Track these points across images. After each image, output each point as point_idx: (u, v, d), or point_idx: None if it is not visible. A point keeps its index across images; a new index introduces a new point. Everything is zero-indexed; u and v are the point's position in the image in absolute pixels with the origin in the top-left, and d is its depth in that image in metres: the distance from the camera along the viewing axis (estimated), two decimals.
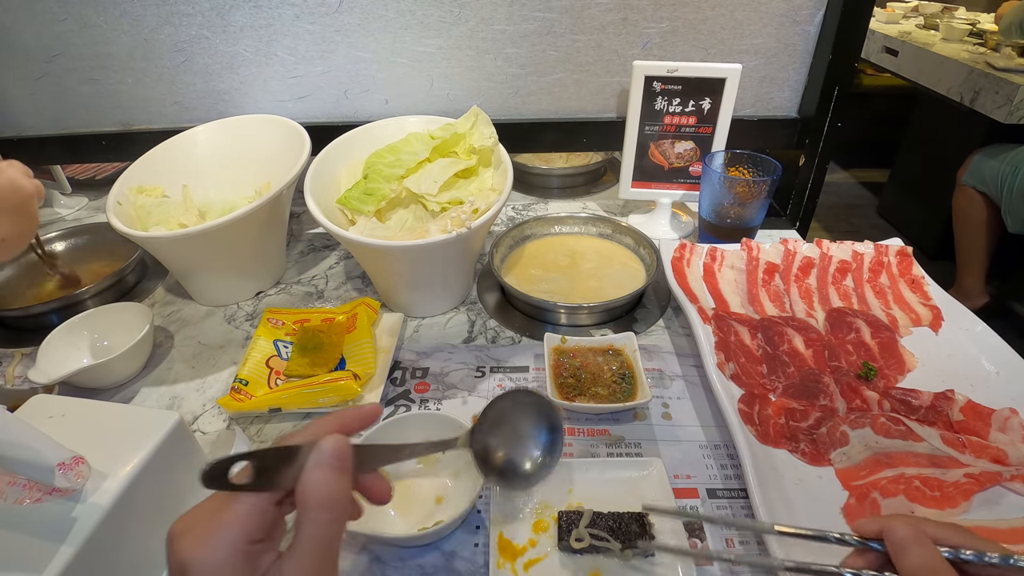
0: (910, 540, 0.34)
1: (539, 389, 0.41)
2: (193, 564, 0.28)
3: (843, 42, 0.85)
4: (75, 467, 0.43)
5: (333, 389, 0.61)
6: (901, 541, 0.34)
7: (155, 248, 0.77)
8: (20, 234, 0.59)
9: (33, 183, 0.60)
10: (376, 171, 0.80)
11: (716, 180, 0.82)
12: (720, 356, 0.66)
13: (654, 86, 0.87)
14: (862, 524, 0.37)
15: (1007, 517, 0.50)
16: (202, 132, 0.90)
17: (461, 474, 0.55)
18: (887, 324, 0.71)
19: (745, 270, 0.79)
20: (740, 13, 0.88)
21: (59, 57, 0.93)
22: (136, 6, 0.88)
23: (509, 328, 0.77)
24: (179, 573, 0.28)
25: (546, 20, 0.89)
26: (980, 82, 1.81)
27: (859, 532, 0.37)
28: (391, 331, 0.74)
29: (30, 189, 0.59)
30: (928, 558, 0.33)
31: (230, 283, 0.83)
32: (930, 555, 0.33)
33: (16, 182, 0.57)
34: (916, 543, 0.34)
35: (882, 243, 0.82)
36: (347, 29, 0.90)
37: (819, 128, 0.92)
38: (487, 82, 0.95)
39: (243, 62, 0.93)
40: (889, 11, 2.50)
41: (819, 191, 0.97)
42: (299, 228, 1.03)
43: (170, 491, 0.51)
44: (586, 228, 0.92)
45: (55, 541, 0.41)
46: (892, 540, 0.35)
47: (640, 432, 0.62)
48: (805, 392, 0.63)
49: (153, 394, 0.69)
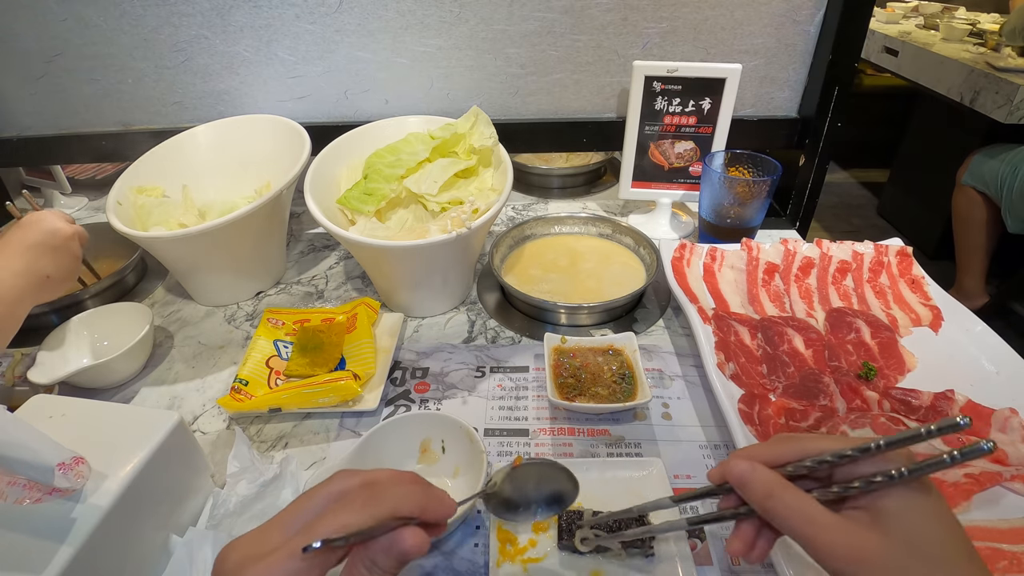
0: (747, 474, 0.35)
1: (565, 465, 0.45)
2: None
3: (843, 42, 0.85)
4: (75, 467, 0.43)
5: (333, 389, 0.61)
6: (739, 479, 0.36)
7: (155, 248, 0.77)
8: (64, 272, 0.64)
9: (73, 227, 0.66)
10: (376, 171, 0.80)
11: (716, 180, 0.82)
12: (720, 356, 0.66)
13: (654, 86, 0.87)
14: (713, 474, 0.39)
15: (1007, 517, 0.50)
16: (202, 132, 0.90)
17: (461, 474, 0.55)
18: (887, 324, 0.71)
19: (745, 270, 0.79)
20: (740, 13, 0.88)
21: (59, 57, 0.93)
22: (136, 6, 0.88)
23: (509, 328, 0.77)
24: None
25: (546, 20, 0.89)
26: (980, 82, 1.81)
27: (713, 482, 0.39)
28: (391, 331, 0.74)
29: (68, 231, 0.65)
30: (763, 484, 0.35)
31: (230, 283, 0.83)
32: (764, 481, 0.35)
33: (55, 225, 0.64)
34: (751, 474, 0.35)
35: (882, 243, 0.82)
36: (347, 29, 0.90)
37: (819, 128, 0.92)
38: (487, 82, 0.95)
39: (243, 62, 0.93)
40: (889, 11, 2.50)
41: (819, 191, 0.96)
42: (299, 228, 1.03)
43: (170, 491, 0.51)
44: (586, 228, 0.92)
45: (55, 541, 0.41)
46: (733, 481, 0.36)
47: (640, 432, 0.62)
48: (805, 392, 0.63)
49: (153, 394, 0.69)
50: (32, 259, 0.61)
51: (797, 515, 0.33)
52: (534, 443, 0.61)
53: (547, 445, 0.61)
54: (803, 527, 0.33)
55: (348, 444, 0.61)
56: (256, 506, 0.52)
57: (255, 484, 0.53)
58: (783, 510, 0.34)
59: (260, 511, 0.52)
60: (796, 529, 0.33)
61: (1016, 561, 0.46)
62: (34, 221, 0.63)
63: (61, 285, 0.64)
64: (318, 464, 0.60)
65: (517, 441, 0.61)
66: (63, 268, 0.64)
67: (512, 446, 0.61)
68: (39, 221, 0.63)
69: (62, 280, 0.64)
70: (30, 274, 0.60)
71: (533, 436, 0.62)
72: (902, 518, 0.32)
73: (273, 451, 0.61)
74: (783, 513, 0.34)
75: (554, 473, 0.45)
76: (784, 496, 0.34)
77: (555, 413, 0.64)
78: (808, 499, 0.34)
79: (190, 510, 0.53)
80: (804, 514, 0.33)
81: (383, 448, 0.55)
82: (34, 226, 0.63)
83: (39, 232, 0.62)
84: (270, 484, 0.53)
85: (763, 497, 0.35)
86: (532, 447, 0.61)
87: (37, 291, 0.61)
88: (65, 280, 0.65)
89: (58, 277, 0.63)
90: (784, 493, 0.34)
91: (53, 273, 0.62)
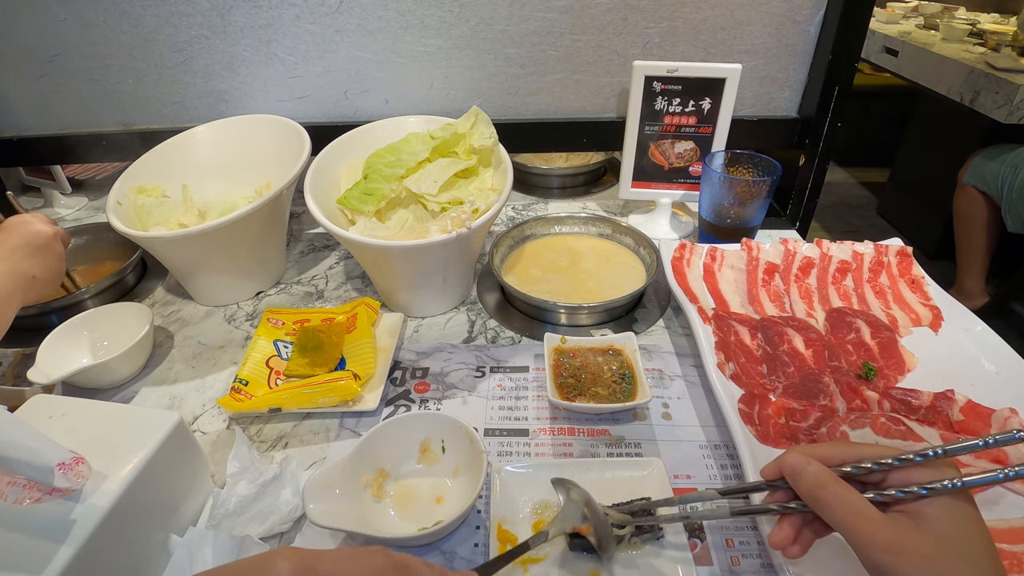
0: (801, 466, 0.38)
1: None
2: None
3: (843, 42, 0.85)
4: (75, 467, 0.43)
5: (333, 389, 0.61)
6: (792, 469, 0.38)
7: (155, 248, 0.77)
8: (50, 272, 0.65)
9: (54, 228, 0.67)
10: (376, 171, 0.80)
11: (716, 180, 0.82)
12: (720, 356, 0.66)
13: (654, 86, 0.87)
14: (766, 470, 0.41)
15: (1007, 517, 0.50)
16: (202, 132, 0.90)
17: (461, 474, 0.55)
18: (887, 324, 0.71)
19: (745, 270, 0.79)
20: (740, 13, 0.88)
21: (59, 57, 0.93)
22: (136, 6, 0.88)
23: (509, 328, 0.77)
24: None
25: (546, 20, 0.89)
26: (980, 82, 1.81)
27: (766, 477, 0.41)
28: (391, 331, 0.74)
29: (50, 232, 0.66)
30: (815, 475, 0.37)
31: (230, 283, 0.83)
32: (816, 472, 0.37)
33: (36, 227, 0.65)
34: (805, 466, 0.38)
35: (882, 243, 0.82)
36: (347, 29, 0.90)
37: (819, 128, 0.92)
38: (487, 82, 0.95)
39: (243, 62, 0.93)
40: (889, 11, 2.50)
41: (819, 191, 0.96)
42: (299, 228, 1.03)
43: (170, 491, 0.51)
44: (586, 228, 0.92)
45: (55, 541, 0.41)
46: (786, 471, 0.39)
47: (640, 432, 0.62)
48: (805, 392, 0.63)
49: (153, 394, 0.69)
50: (17, 261, 0.62)
51: (845, 506, 0.35)
52: (534, 443, 0.61)
53: (547, 445, 0.61)
54: (849, 517, 0.35)
55: (348, 444, 0.61)
56: (256, 506, 0.52)
57: (255, 484, 0.52)
58: (832, 499, 0.36)
59: (260, 511, 0.52)
60: (842, 519, 0.35)
61: (1016, 561, 0.46)
62: (15, 224, 0.64)
63: (48, 285, 0.65)
64: (318, 464, 0.60)
65: (517, 441, 0.61)
66: (48, 268, 0.65)
67: (512, 446, 0.61)
68: (20, 224, 0.64)
69: (48, 280, 0.65)
70: (16, 275, 0.61)
71: (533, 436, 0.62)
72: (942, 520, 0.34)
73: (273, 451, 0.61)
74: (831, 503, 0.36)
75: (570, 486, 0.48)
76: (835, 488, 0.36)
77: (555, 413, 0.64)
78: (856, 493, 0.36)
79: (190, 510, 0.53)
80: (852, 505, 0.35)
81: (383, 448, 0.55)
82: (16, 229, 0.64)
83: (21, 235, 0.63)
84: (270, 484, 0.53)
85: (813, 486, 0.37)
86: (532, 447, 0.61)
87: (24, 292, 0.62)
88: (51, 280, 0.66)
89: (44, 277, 0.64)
90: (835, 485, 0.36)
91: (39, 273, 0.63)
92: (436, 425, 0.57)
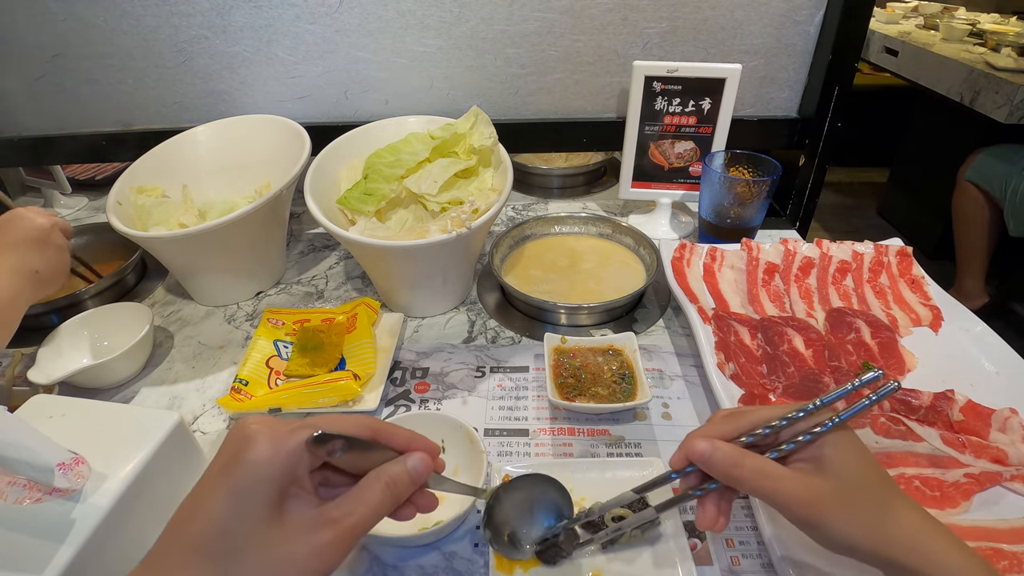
0: (708, 450, 0.39)
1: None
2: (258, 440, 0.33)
3: (843, 42, 0.85)
4: (75, 467, 0.43)
5: (333, 389, 0.61)
6: (701, 455, 0.39)
7: (155, 248, 0.77)
8: (53, 264, 0.63)
9: (51, 219, 0.65)
10: (376, 171, 0.80)
11: (716, 180, 0.82)
12: (720, 356, 0.66)
13: (654, 86, 0.87)
14: (674, 461, 0.42)
15: (1007, 517, 0.50)
16: (202, 132, 0.90)
17: (461, 474, 0.55)
18: (887, 324, 0.71)
19: (745, 270, 0.79)
20: (740, 13, 0.88)
21: (59, 57, 0.93)
22: (136, 6, 0.88)
23: (509, 328, 0.77)
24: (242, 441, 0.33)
25: (546, 20, 0.89)
26: (980, 82, 1.81)
27: (674, 467, 0.42)
28: (391, 331, 0.74)
29: (47, 223, 0.64)
30: (726, 455, 0.39)
31: (230, 283, 0.83)
32: (726, 453, 0.39)
33: (32, 220, 0.63)
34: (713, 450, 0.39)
35: (882, 243, 0.82)
36: (347, 29, 0.90)
37: (819, 128, 0.92)
38: (487, 82, 0.95)
39: (243, 62, 0.93)
40: (889, 11, 2.50)
41: (819, 191, 0.96)
42: (299, 228, 1.03)
43: (170, 491, 0.51)
44: (586, 228, 0.92)
45: (55, 541, 0.41)
46: (695, 458, 0.40)
47: (640, 432, 0.62)
48: (805, 392, 0.63)
49: (153, 394, 0.69)
50: (18, 256, 0.60)
51: (759, 475, 0.38)
52: (534, 443, 0.61)
53: (547, 445, 0.61)
54: (766, 484, 0.37)
55: None
56: None
57: None
58: (748, 474, 0.38)
59: None
60: (760, 487, 0.38)
61: (1016, 561, 0.46)
62: (10, 220, 0.62)
63: (53, 279, 0.64)
64: None
65: (517, 441, 0.61)
66: (51, 260, 0.63)
67: (512, 446, 0.61)
68: (15, 219, 0.62)
69: (53, 273, 0.64)
70: (20, 271, 0.59)
71: (533, 436, 0.62)
72: (835, 458, 0.38)
73: None
74: (748, 476, 0.38)
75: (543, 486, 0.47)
76: (746, 462, 0.38)
77: (555, 413, 0.64)
78: (765, 460, 0.38)
79: None
80: (764, 473, 0.38)
81: None
82: (11, 224, 0.62)
83: (18, 229, 0.61)
84: None
85: (729, 467, 0.38)
86: (532, 447, 0.61)
87: (31, 287, 0.60)
88: (56, 273, 0.64)
89: (47, 270, 0.63)
90: (745, 460, 0.38)
91: (42, 267, 0.62)
92: (436, 425, 0.57)
